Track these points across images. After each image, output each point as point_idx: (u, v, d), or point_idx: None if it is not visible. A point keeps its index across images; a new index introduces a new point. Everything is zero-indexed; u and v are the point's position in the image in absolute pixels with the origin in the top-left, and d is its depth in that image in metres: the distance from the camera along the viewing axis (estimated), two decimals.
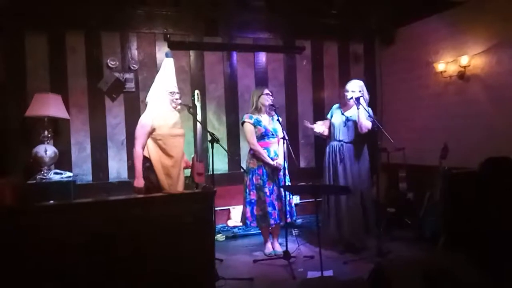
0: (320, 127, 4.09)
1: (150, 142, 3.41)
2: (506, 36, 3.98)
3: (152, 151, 3.40)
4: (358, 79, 4.15)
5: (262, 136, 3.95)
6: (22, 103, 4.13)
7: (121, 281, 2.34)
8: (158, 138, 3.40)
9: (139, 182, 3.35)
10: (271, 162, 3.89)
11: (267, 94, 3.96)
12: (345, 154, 3.94)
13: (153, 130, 3.39)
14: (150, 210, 2.48)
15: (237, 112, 5.03)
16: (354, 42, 5.58)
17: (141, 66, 4.66)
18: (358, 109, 3.81)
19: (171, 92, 3.50)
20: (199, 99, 3.99)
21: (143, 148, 3.40)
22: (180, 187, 3.55)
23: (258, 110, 3.97)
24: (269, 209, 3.88)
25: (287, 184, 3.98)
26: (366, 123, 3.85)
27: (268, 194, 3.89)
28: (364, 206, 3.94)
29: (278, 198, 3.93)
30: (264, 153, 3.91)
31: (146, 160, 3.40)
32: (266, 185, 3.90)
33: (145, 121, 3.41)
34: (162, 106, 3.47)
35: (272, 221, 3.90)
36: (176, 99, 3.52)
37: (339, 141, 3.98)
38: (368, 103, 3.96)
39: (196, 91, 4.00)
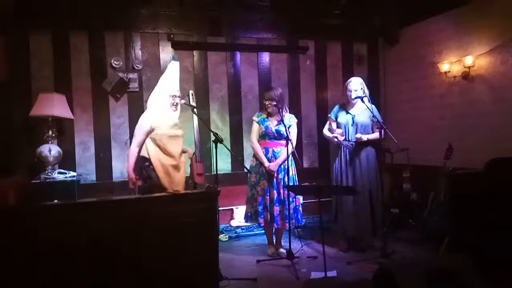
0: (342, 137, 4.04)
1: (149, 142, 3.50)
2: (511, 36, 3.96)
3: (151, 150, 3.49)
4: (356, 76, 4.15)
5: (263, 136, 3.96)
6: (26, 102, 4.16)
7: (124, 281, 2.34)
8: (157, 138, 3.48)
9: (130, 175, 3.49)
10: (265, 162, 3.88)
11: (264, 100, 3.97)
12: (355, 153, 3.93)
13: (151, 130, 3.48)
14: (154, 210, 2.49)
15: (240, 112, 5.04)
16: (358, 42, 5.57)
17: (145, 66, 4.68)
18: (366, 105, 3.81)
19: (172, 96, 3.55)
20: (194, 99, 4.02)
21: (139, 147, 3.50)
22: (180, 186, 3.59)
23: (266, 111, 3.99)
24: (260, 208, 3.88)
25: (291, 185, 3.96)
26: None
27: (260, 193, 3.89)
28: (372, 206, 3.93)
29: (275, 201, 3.87)
30: (259, 151, 3.92)
31: (146, 159, 3.50)
32: (260, 184, 3.91)
33: (144, 121, 3.52)
34: (162, 107, 3.55)
35: (261, 221, 3.88)
36: (176, 103, 3.58)
37: (349, 140, 3.96)
38: (371, 103, 3.94)
39: (191, 91, 4.03)
